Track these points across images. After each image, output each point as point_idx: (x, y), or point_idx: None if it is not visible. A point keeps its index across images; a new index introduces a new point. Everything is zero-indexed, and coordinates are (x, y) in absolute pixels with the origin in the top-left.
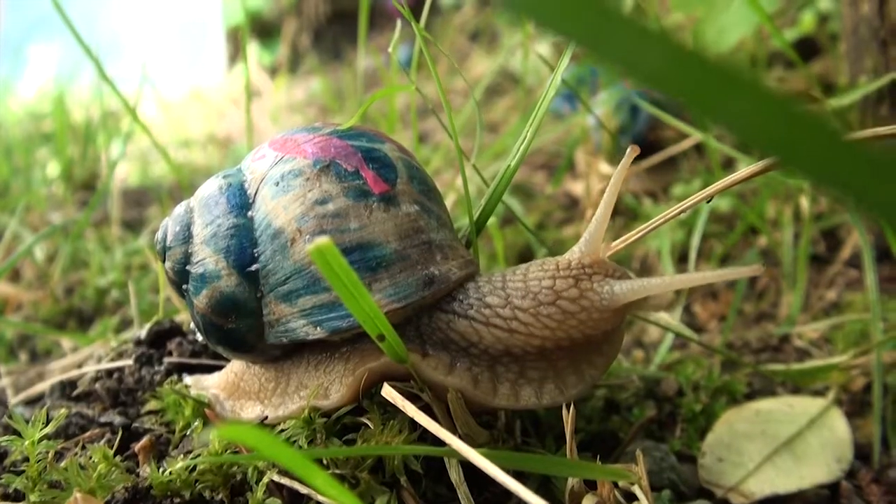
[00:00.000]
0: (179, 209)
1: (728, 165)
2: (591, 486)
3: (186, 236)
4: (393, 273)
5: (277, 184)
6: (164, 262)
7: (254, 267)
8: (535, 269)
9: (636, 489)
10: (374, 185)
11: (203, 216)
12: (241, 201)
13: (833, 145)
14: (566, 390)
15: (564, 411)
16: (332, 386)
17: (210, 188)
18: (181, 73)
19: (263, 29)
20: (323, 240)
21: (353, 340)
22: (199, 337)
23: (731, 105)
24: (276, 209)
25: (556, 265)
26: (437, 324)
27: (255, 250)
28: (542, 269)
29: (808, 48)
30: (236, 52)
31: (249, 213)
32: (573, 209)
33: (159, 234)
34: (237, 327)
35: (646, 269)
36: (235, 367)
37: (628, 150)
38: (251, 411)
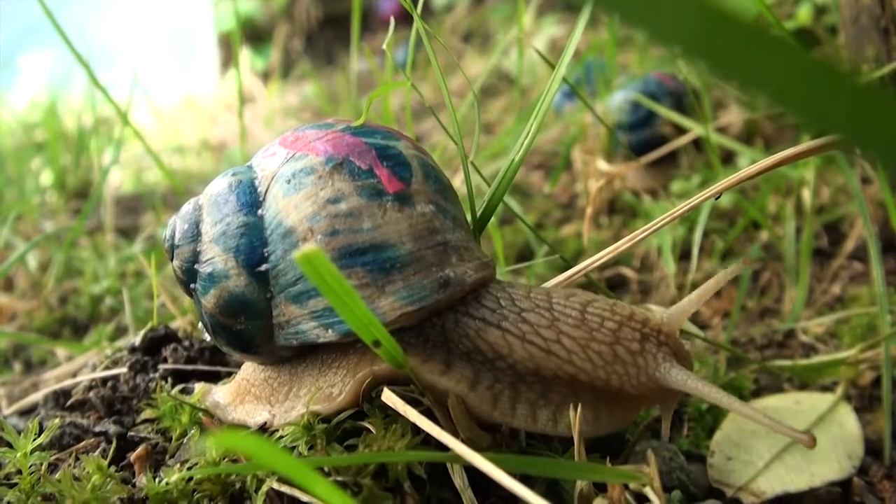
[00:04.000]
0: (188, 206)
1: (727, 160)
2: (600, 488)
3: (195, 234)
4: (407, 275)
5: (289, 181)
6: (171, 260)
7: (264, 267)
8: (600, 308)
9: (648, 491)
10: (388, 184)
11: (212, 214)
12: (252, 199)
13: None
14: (583, 425)
15: (571, 412)
16: (344, 382)
17: (219, 185)
18: (173, 79)
19: (255, 34)
20: (310, 247)
21: None
22: (207, 337)
23: (779, 73)
24: (288, 207)
25: (630, 315)
26: (466, 331)
27: (265, 249)
28: (612, 311)
29: (805, 41)
30: (228, 57)
31: (260, 211)
32: (571, 209)
33: (167, 232)
34: (246, 328)
35: (647, 267)
36: (246, 372)
37: (734, 268)
38: (260, 417)
